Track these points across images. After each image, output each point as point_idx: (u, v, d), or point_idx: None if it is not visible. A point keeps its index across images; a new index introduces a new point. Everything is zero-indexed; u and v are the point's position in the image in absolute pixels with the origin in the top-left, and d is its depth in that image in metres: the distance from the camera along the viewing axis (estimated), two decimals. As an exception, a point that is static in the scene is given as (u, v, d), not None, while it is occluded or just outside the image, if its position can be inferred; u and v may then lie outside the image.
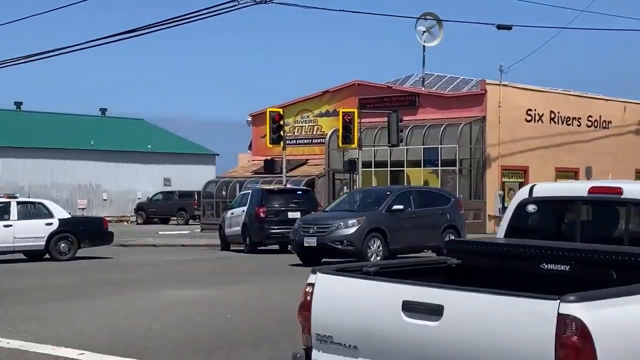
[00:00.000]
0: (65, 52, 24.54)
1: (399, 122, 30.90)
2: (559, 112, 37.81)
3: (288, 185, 30.01)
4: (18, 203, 22.05)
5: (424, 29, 38.37)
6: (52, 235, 21.79)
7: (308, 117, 41.26)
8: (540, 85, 38.17)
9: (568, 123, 38.30)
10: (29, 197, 27.98)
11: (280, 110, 31.44)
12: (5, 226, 21.28)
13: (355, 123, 30.24)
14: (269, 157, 36.44)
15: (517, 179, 36.71)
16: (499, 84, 35.37)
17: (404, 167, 35.98)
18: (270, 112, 30.87)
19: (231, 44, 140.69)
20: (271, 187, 26.86)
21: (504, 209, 35.39)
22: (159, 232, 38.50)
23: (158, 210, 52.74)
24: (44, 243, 21.72)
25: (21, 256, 22.22)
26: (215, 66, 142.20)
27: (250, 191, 25.81)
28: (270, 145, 31.06)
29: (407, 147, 35.08)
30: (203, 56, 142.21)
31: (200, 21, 23.48)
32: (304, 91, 58.77)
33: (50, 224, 21.88)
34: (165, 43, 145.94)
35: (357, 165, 31.59)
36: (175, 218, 51.32)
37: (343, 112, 30.58)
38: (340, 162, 36.05)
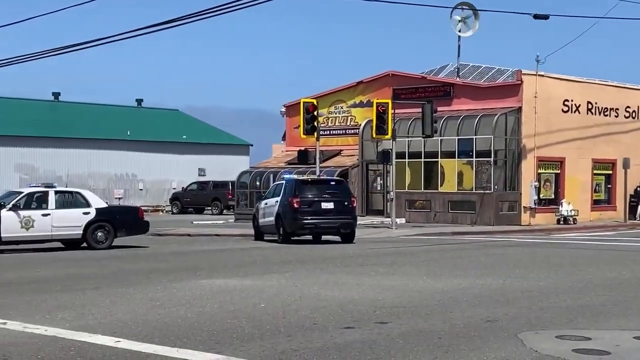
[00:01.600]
0: (103, 43, 24.81)
1: (434, 112, 30.80)
2: (596, 103, 37.38)
3: (321, 176, 30.06)
4: (56, 192, 22.38)
5: (460, 18, 38.12)
6: (89, 224, 22.09)
7: (342, 107, 41.24)
8: (578, 75, 37.79)
9: (605, 114, 37.86)
10: (66, 187, 28.34)
11: (314, 101, 31.50)
12: (44, 215, 21.62)
13: (389, 114, 30.20)
14: (302, 148, 36.53)
15: (553, 170, 36.40)
16: (536, 74, 35.06)
17: (438, 158, 35.83)
18: (304, 102, 30.96)
19: (265, 34, 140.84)
20: (305, 177, 26.89)
21: (539, 200, 35.17)
22: (194, 222, 38.82)
23: (193, 200, 53.14)
24: (81, 232, 22.04)
25: (59, 245, 22.57)
26: (248, 56, 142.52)
27: (283, 182, 25.90)
28: (304, 136, 31.15)
29: (442, 138, 34.92)
30: (236, 47, 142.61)
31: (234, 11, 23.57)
32: (337, 82, 58.69)
33: (88, 213, 22.18)
34: (199, 33, 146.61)
35: (390, 156, 31.54)
36: (209, 208, 51.69)
37: (377, 103, 30.56)
38: (374, 153, 36.04)
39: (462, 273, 15.11)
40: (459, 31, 38.41)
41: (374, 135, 30.94)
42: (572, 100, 36.41)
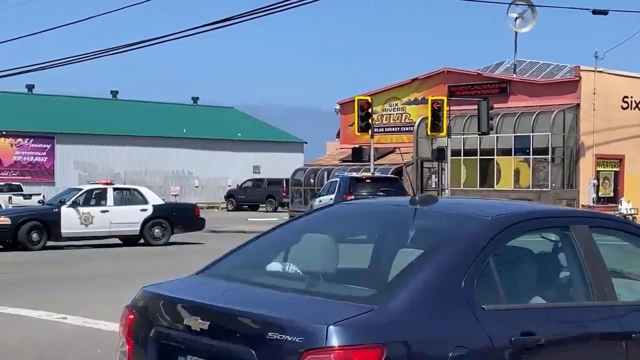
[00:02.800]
0: (159, 42, 25.10)
1: (490, 109, 30.48)
2: (657, 100, 36.59)
3: (376, 174, 30.01)
4: (114, 189, 22.72)
5: (516, 14, 37.66)
6: (146, 221, 22.38)
7: (396, 105, 41.10)
8: (638, 71, 36.97)
9: (666, 110, 37.03)
10: (124, 184, 28.78)
11: (369, 98, 31.42)
12: (103, 212, 21.97)
13: (445, 111, 29.99)
14: (357, 145, 36.52)
15: (612, 168, 35.74)
16: (594, 71, 34.44)
17: (494, 155, 35.47)
18: (358, 100, 30.90)
19: (319, 31, 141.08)
20: (359, 175, 26.87)
21: (598, 199, 34.56)
22: (249, 219, 39.08)
23: (247, 197, 53.50)
24: (138, 228, 22.33)
25: (117, 241, 22.94)
26: (303, 54, 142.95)
27: (338, 179, 25.92)
28: (359, 134, 31.10)
29: (498, 135, 34.56)
30: (290, 44, 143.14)
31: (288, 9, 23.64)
32: (392, 79, 58.51)
33: (145, 210, 22.47)
34: (254, 31, 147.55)
35: (445, 153, 31.31)
36: (264, 205, 51.98)
37: (432, 100, 30.36)
38: (429, 151, 35.80)
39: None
40: (516, 27, 37.95)
41: (429, 133, 30.76)
42: (631, 97, 35.68)
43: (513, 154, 34.92)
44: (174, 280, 4.59)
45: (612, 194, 35.62)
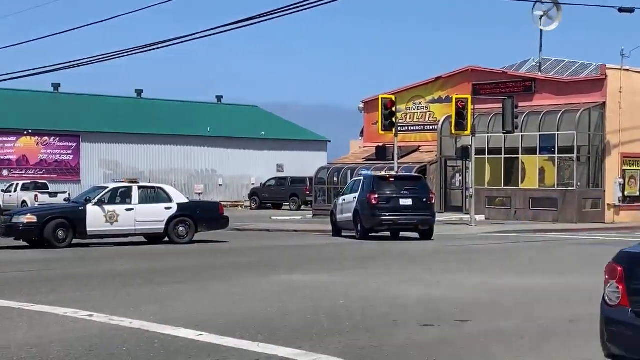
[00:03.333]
0: (184, 41, 25.21)
1: (515, 108, 30.30)
2: (684, 98, 36.16)
3: (400, 172, 29.92)
4: (139, 188, 22.85)
5: (542, 12, 37.40)
6: (171, 219, 22.48)
7: (420, 103, 40.97)
8: (665, 69, 36.54)
9: (694, 109, 36.57)
10: (149, 182, 28.93)
11: (393, 97, 31.35)
12: (128, 210, 22.10)
13: (469, 109, 29.86)
14: (380, 144, 36.46)
15: (639, 167, 35.39)
16: (620, 69, 34.13)
17: (518, 154, 35.26)
18: (382, 98, 30.85)
19: (342, 30, 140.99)
20: (383, 173, 26.80)
21: (624, 198, 34.23)
22: (272, 217, 39.15)
23: (271, 195, 53.59)
24: (163, 226, 22.44)
25: (142, 239, 23.06)
26: (326, 53, 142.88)
27: (362, 178, 25.85)
28: (382, 132, 31.04)
29: (523, 133, 34.35)
30: (313, 43, 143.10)
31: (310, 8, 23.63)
32: (416, 77, 58.33)
33: (170, 208, 22.57)
34: (277, 30, 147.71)
35: (470, 152, 31.17)
36: (287, 203, 52.04)
37: (456, 99, 30.24)
38: (453, 149, 35.67)
39: (544, 271, 14.84)
40: (541, 25, 37.68)
41: (453, 131, 30.63)
42: (659, 95, 35.31)
43: (538, 152, 34.68)
44: None
45: (637, 193, 35.26)
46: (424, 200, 24.31)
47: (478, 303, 10.73)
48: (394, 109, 30.57)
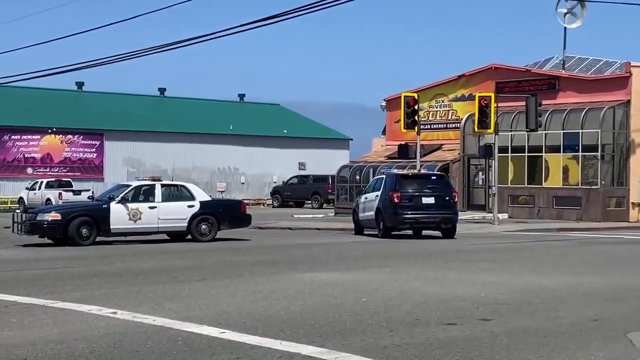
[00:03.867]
0: (206, 40, 25.28)
1: (538, 106, 30.14)
2: None
3: (422, 171, 29.86)
4: (162, 186, 22.97)
5: (566, 10, 37.16)
6: (193, 217, 22.57)
7: (443, 101, 40.84)
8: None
9: None
10: (172, 180, 29.08)
11: (415, 95, 31.29)
12: (151, 208, 22.22)
13: (492, 107, 29.74)
14: (403, 142, 36.39)
15: (664, 166, 35.04)
16: (645, 66, 33.82)
17: (542, 152, 35.07)
18: (405, 96, 30.80)
19: (364, 28, 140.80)
20: (405, 172, 26.75)
21: (649, 196, 33.89)
22: (294, 216, 39.20)
23: (293, 193, 53.68)
24: (186, 224, 22.54)
25: (164, 237, 23.17)
26: (347, 51, 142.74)
27: (384, 176, 25.83)
28: (405, 130, 31.00)
29: (546, 132, 34.16)
30: (335, 41, 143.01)
31: (333, 7, 23.59)
32: (439, 75, 58.13)
33: (192, 206, 22.67)
34: (299, 28, 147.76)
35: (493, 150, 31.04)
36: (309, 202, 52.09)
37: (479, 96, 30.13)
38: (476, 147, 35.54)
39: (568, 270, 14.74)
40: (565, 23, 37.43)
41: (476, 130, 30.52)
42: (684, 93, 34.95)
43: (562, 150, 34.47)
44: None
45: (663, 192, 34.92)
46: (447, 198, 24.24)
47: (501, 302, 10.67)
48: (416, 107, 30.50)
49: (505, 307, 10.23)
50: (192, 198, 22.88)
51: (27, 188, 49.06)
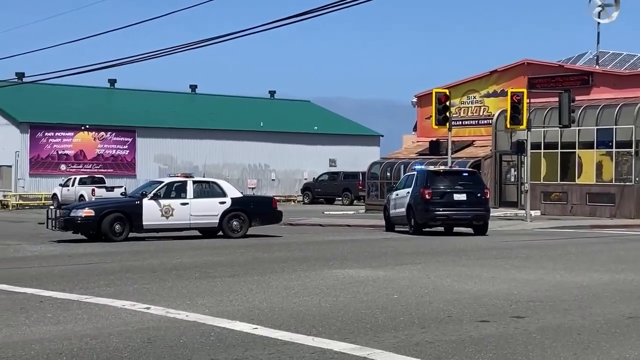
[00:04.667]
0: (237, 37, 25.34)
1: (571, 102, 29.85)
2: None
3: (454, 167, 29.72)
4: (194, 182, 23.10)
5: (599, 4, 36.74)
6: (225, 214, 22.67)
7: (475, 97, 40.61)
8: None
9: None
10: (203, 177, 29.25)
11: (447, 91, 31.15)
12: (183, 204, 22.36)
13: (525, 103, 29.50)
14: (434, 139, 36.22)
15: (700, 162, 34.53)
16: (681, 61, 33.34)
17: (575, 148, 34.72)
18: (436, 92, 30.66)
19: (394, 24, 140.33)
20: (436, 168, 26.64)
21: (684, 193, 33.40)
22: (325, 212, 39.22)
23: (323, 190, 53.71)
24: (217, 221, 22.65)
25: (196, 233, 23.30)
26: (378, 47, 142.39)
27: (415, 172, 25.74)
28: (436, 127, 30.86)
29: (579, 128, 33.82)
30: (365, 38, 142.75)
31: (364, 3, 23.53)
32: (470, 71, 57.83)
33: (224, 202, 22.77)
34: (329, 25, 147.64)
35: (525, 146, 30.80)
36: (340, 198, 52.08)
37: (512, 92, 29.91)
38: (508, 144, 35.27)
39: (602, 268, 14.59)
40: (599, 18, 37.03)
41: (508, 126, 30.29)
42: None
43: (595, 147, 34.12)
44: None
45: (699, 189, 34.42)
46: (479, 195, 24.10)
47: (534, 299, 10.60)
48: (447, 103, 30.36)
49: (538, 305, 10.16)
50: (224, 194, 22.98)
51: (60, 185, 49.62)
